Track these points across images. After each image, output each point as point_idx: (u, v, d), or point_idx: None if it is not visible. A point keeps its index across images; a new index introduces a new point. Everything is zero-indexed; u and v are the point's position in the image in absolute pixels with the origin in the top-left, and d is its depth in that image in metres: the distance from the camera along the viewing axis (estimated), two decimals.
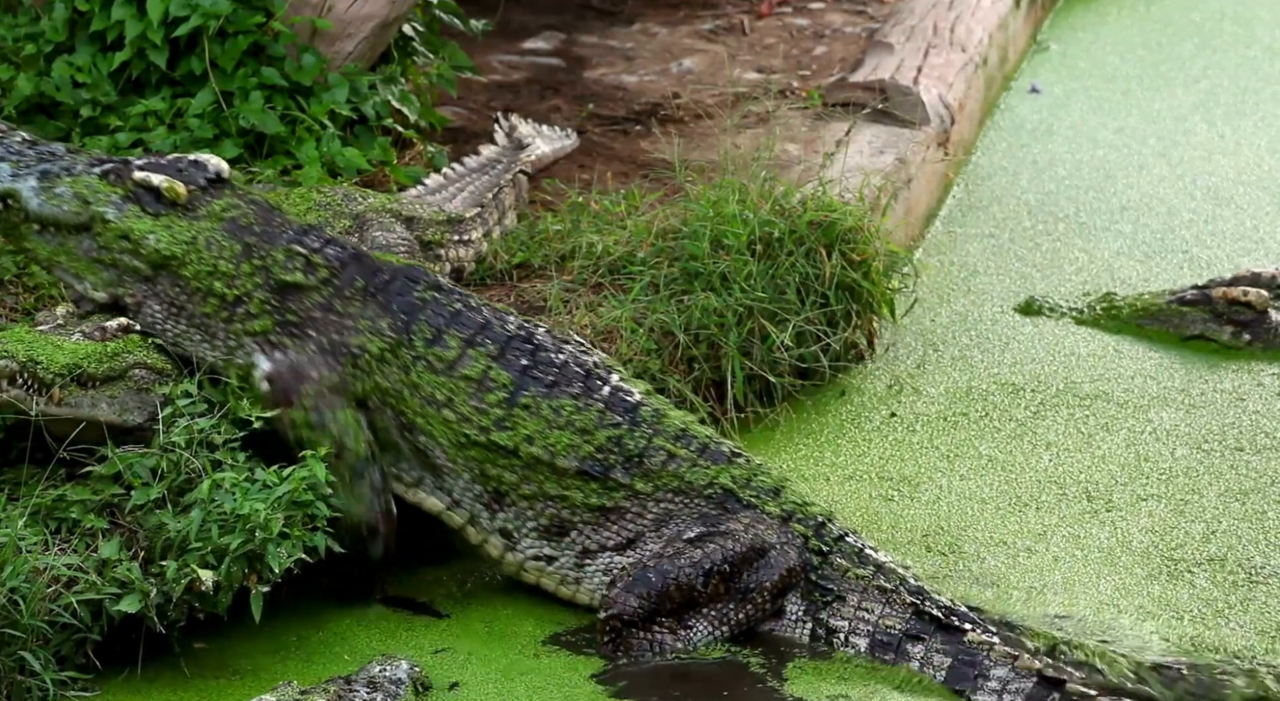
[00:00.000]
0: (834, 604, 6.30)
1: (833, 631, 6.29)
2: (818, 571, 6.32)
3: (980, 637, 6.18)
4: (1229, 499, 7.13)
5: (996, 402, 7.84)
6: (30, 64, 8.11)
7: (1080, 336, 8.44)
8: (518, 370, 6.41)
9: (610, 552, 6.37)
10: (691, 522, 6.34)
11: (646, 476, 6.35)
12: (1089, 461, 7.40)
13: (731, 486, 6.37)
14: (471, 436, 6.36)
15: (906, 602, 6.25)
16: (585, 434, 6.36)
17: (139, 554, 5.92)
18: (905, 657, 6.22)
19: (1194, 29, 12.58)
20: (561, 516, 6.36)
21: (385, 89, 8.43)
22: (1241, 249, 9.29)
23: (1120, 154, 10.47)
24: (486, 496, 6.39)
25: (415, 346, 6.41)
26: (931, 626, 6.23)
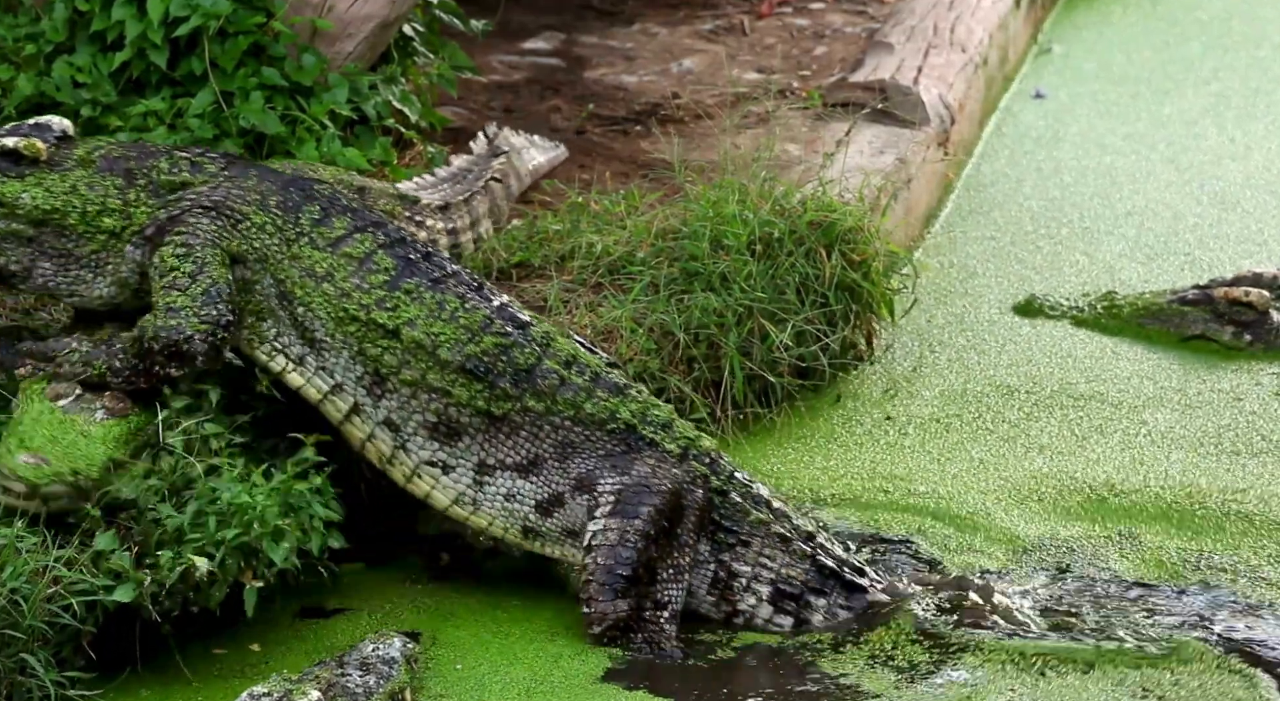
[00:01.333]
0: (737, 547, 6.31)
1: (734, 575, 6.31)
2: (720, 511, 6.33)
3: (884, 598, 6.22)
4: (1226, 499, 7.15)
5: (991, 404, 7.83)
6: (30, 64, 8.11)
7: (1079, 337, 8.44)
8: (404, 261, 6.44)
9: (512, 472, 6.33)
10: (600, 464, 6.29)
11: (539, 395, 6.31)
12: (1083, 463, 7.41)
13: (633, 422, 6.33)
14: (351, 311, 6.35)
15: (805, 553, 6.28)
16: (470, 332, 6.34)
17: (133, 548, 5.92)
18: (809, 610, 6.26)
19: (1201, 28, 12.55)
20: (449, 414, 6.31)
21: (385, 89, 8.42)
22: (1244, 252, 9.28)
23: (1128, 160, 10.45)
24: (368, 379, 6.34)
25: (301, 224, 6.46)
26: (832, 580, 6.27)
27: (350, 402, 6.38)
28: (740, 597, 6.33)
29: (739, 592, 6.32)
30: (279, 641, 6.23)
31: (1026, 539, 6.86)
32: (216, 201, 6.48)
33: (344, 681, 5.69)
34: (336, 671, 5.73)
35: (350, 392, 6.38)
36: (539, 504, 6.34)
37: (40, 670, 5.67)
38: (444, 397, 6.31)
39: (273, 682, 5.65)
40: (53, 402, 6.15)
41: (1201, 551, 6.77)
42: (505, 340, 6.34)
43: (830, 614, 6.27)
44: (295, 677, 5.69)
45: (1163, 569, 6.68)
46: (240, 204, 6.48)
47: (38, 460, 5.92)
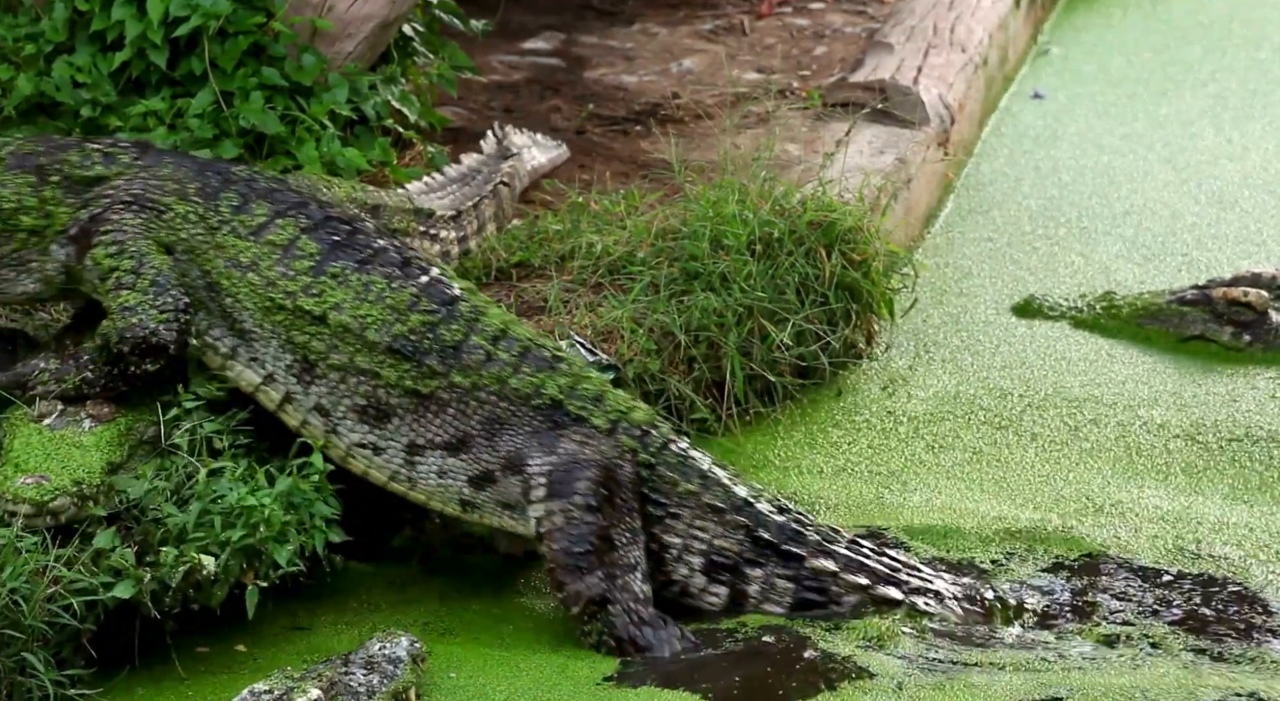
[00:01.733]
0: (666, 520, 6.30)
1: (666, 547, 6.30)
2: (648, 484, 6.31)
3: (821, 565, 6.22)
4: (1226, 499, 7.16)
5: (986, 404, 7.84)
6: (30, 64, 8.11)
7: (1077, 337, 8.43)
8: (328, 243, 6.42)
9: (441, 451, 6.32)
10: (527, 442, 6.27)
11: (465, 371, 6.30)
12: (1076, 461, 7.42)
13: (559, 397, 6.31)
14: (277, 300, 6.34)
15: (739, 524, 6.27)
16: (397, 312, 6.33)
17: (133, 545, 5.92)
18: (745, 581, 6.25)
19: (1201, 31, 12.55)
20: (378, 396, 6.31)
21: (385, 89, 8.42)
22: (1242, 252, 9.28)
23: (1126, 160, 10.45)
24: (297, 366, 6.34)
25: (221, 211, 6.44)
26: (768, 550, 6.26)
27: (282, 392, 6.38)
28: (673, 568, 6.32)
29: (671, 563, 6.31)
30: (270, 641, 6.22)
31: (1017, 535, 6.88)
32: (136, 194, 6.45)
33: (347, 679, 5.68)
34: (341, 669, 5.72)
35: (281, 382, 6.37)
36: (471, 479, 6.33)
37: (40, 669, 5.66)
38: (373, 379, 6.30)
39: (275, 679, 5.65)
40: (38, 424, 6.15)
41: (1198, 546, 6.78)
42: (432, 317, 6.33)
43: (768, 583, 6.26)
44: (298, 675, 5.68)
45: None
46: (160, 195, 6.46)
47: (37, 479, 5.92)
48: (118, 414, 6.22)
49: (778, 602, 6.27)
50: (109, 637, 5.92)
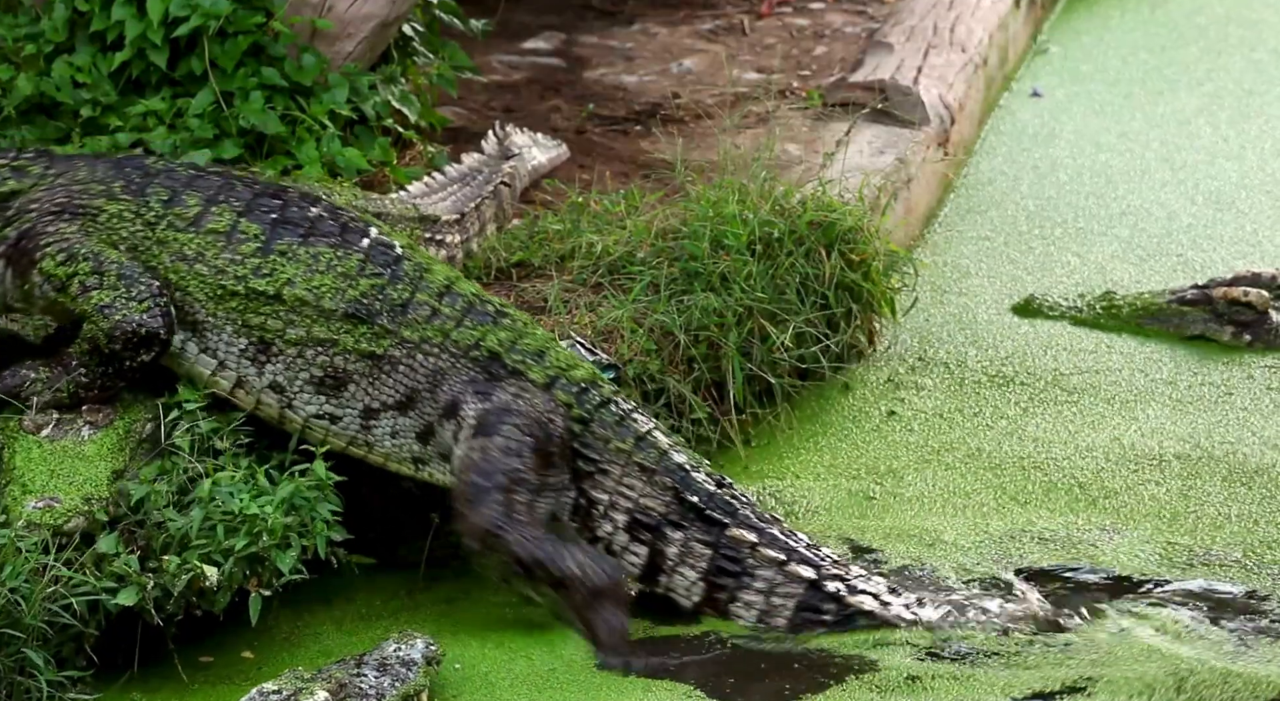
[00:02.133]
0: (596, 476, 6.36)
1: (593, 502, 6.36)
2: (580, 439, 6.36)
3: (741, 534, 6.24)
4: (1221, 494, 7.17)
5: (988, 401, 7.83)
6: (30, 64, 8.11)
7: (1077, 337, 8.43)
8: (267, 223, 6.46)
9: (393, 412, 6.39)
10: (465, 389, 6.34)
11: (411, 325, 6.37)
12: (1074, 455, 7.41)
13: (498, 349, 6.38)
14: (229, 287, 6.36)
15: (667, 486, 6.31)
16: (349, 278, 6.40)
17: (136, 550, 5.91)
18: (664, 542, 6.28)
19: (1199, 32, 12.56)
20: (336, 364, 6.36)
21: (385, 89, 8.42)
22: (1238, 252, 9.28)
23: (1123, 159, 10.45)
24: (252, 349, 6.36)
25: (153, 207, 6.45)
26: (692, 514, 6.29)
27: (233, 378, 6.40)
28: (598, 524, 6.36)
29: (596, 519, 6.36)
30: (277, 645, 6.22)
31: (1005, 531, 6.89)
32: (62, 203, 6.45)
33: (357, 681, 5.67)
34: (353, 671, 5.71)
35: (234, 368, 6.39)
36: (418, 435, 6.40)
37: (40, 669, 5.65)
38: (331, 347, 6.35)
39: (283, 680, 5.64)
40: (35, 436, 6.14)
41: (1191, 546, 6.79)
42: (380, 279, 6.41)
43: (685, 547, 6.29)
44: (309, 676, 5.67)
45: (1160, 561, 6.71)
46: (87, 199, 6.46)
47: (47, 502, 5.92)
48: (115, 417, 6.21)
49: (692, 566, 6.29)
50: (110, 640, 5.91)
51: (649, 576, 6.38)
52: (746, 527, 6.31)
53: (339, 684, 5.63)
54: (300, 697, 5.54)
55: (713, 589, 6.30)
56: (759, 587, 6.25)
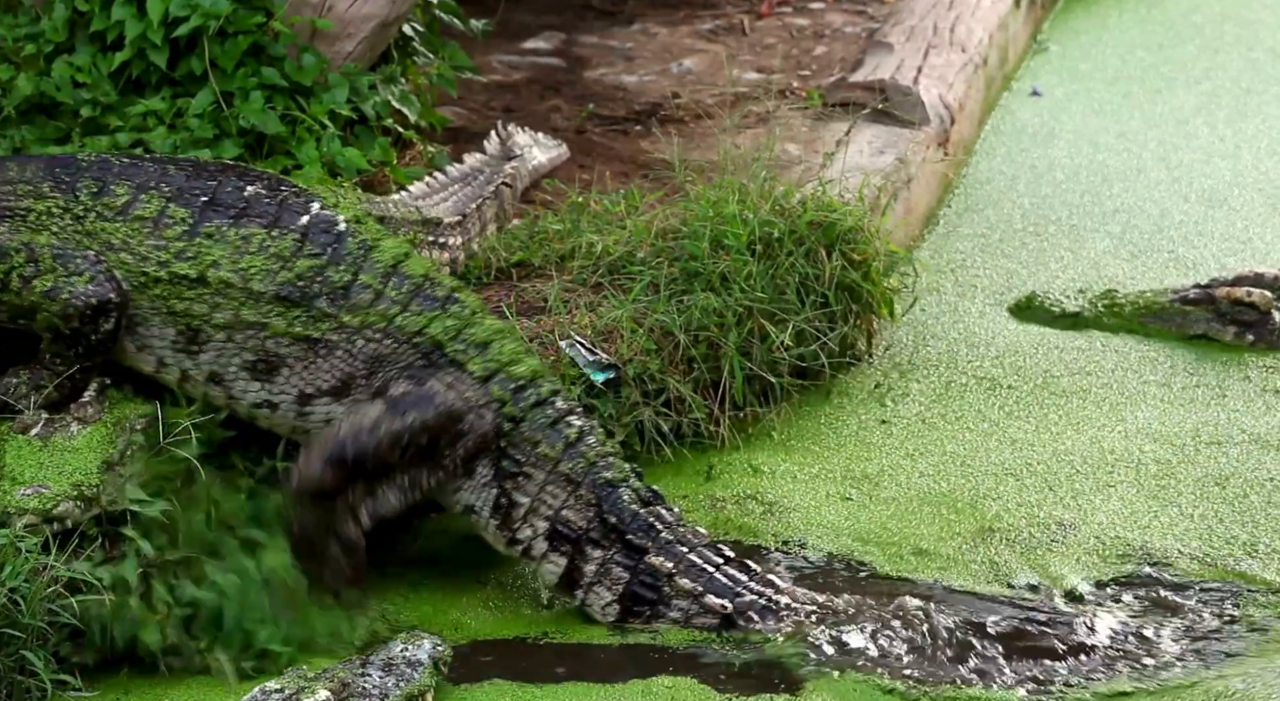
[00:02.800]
0: (519, 477, 6.28)
1: (515, 504, 6.28)
2: (508, 438, 6.28)
3: (660, 563, 6.18)
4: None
5: (981, 405, 7.83)
6: (30, 64, 8.11)
7: (1074, 337, 8.43)
8: (197, 206, 6.37)
9: (327, 398, 6.32)
10: (399, 374, 6.27)
11: (353, 310, 6.29)
12: (1050, 458, 7.42)
13: (441, 338, 6.30)
14: (151, 273, 6.29)
15: (590, 501, 6.25)
16: (281, 260, 6.30)
17: (150, 572, 5.95)
18: (583, 559, 6.22)
19: (1196, 31, 12.57)
20: (266, 348, 6.28)
21: (385, 89, 8.42)
22: (1228, 249, 9.28)
23: (1120, 158, 10.46)
24: (182, 339, 6.31)
25: (82, 200, 6.38)
26: (614, 535, 6.22)
27: (176, 373, 6.35)
28: (519, 526, 6.30)
29: (517, 521, 6.28)
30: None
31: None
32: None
33: (361, 681, 5.66)
34: (357, 670, 5.70)
35: (173, 362, 6.34)
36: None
37: (40, 669, 5.65)
38: (261, 331, 6.27)
39: (287, 678, 5.63)
40: (25, 436, 6.16)
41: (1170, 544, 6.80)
42: (319, 260, 6.32)
43: (604, 568, 6.22)
44: (312, 675, 5.67)
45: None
46: (14, 200, 6.41)
47: (36, 489, 5.92)
48: (103, 413, 6.21)
49: (609, 588, 6.23)
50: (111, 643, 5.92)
51: (566, 587, 6.32)
52: (666, 554, 6.22)
53: (342, 683, 5.62)
54: (302, 696, 5.53)
55: (627, 613, 6.23)
56: (674, 617, 6.18)
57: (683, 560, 6.22)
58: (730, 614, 6.16)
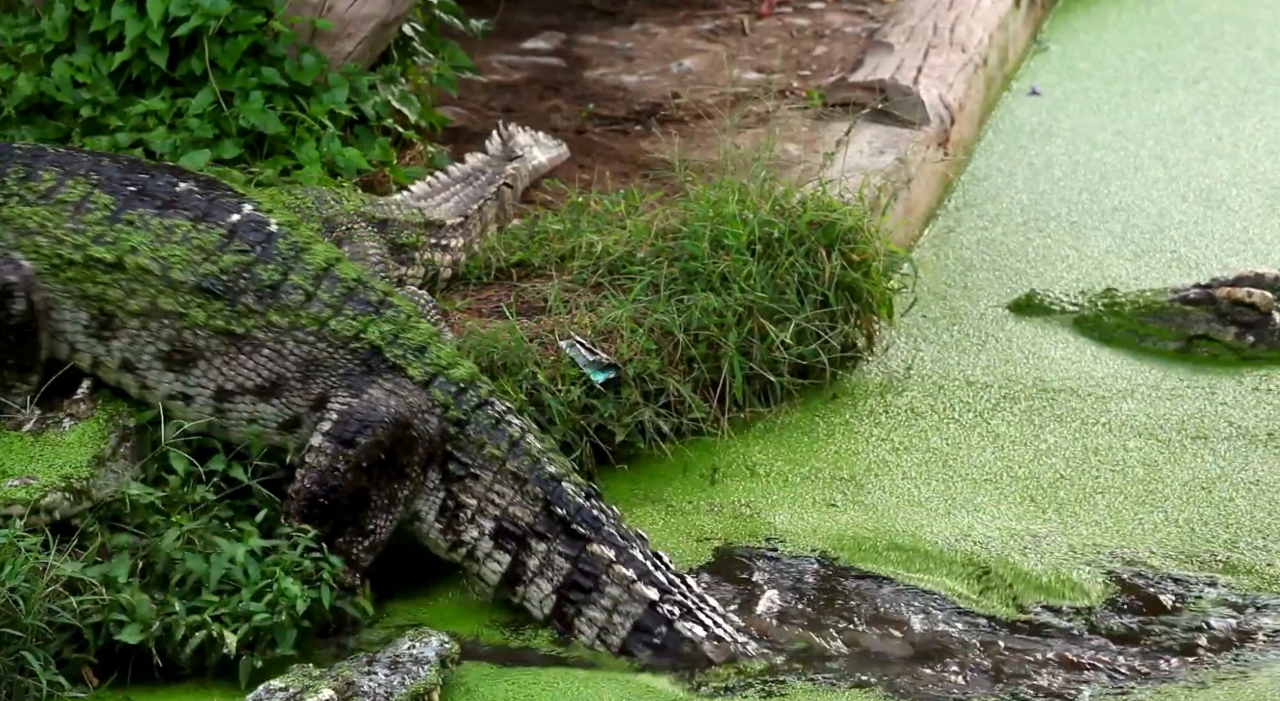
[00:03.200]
0: (466, 480, 6.25)
1: (461, 506, 6.25)
2: (454, 442, 6.25)
3: (601, 551, 6.17)
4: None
5: (977, 406, 7.82)
6: (30, 64, 8.11)
7: (1072, 336, 8.42)
8: (124, 194, 6.31)
9: (252, 397, 6.25)
10: (339, 383, 6.20)
11: (282, 310, 6.22)
12: (1033, 460, 7.42)
13: (379, 343, 6.24)
14: (66, 256, 6.22)
15: (538, 496, 6.22)
16: (205, 252, 6.23)
17: (140, 565, 5.92)
18: (528, 553, 6.20)
19: (1194, 31, 12.57)
20: (183, 339, 6.21)
21: (385, 89, 8.42)
22: (1229, 249, 9.27)
23: (1118, 156, 10.46)
24: (95, 324, 6.23)
25: (7, 185, 6.33)
26: (559, 526, 6.20)
27: (88, 359, 6.29)
28: (464, 529, 6.27)
29: (464, 523, 6.26)
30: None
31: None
32: None
33: (366, 680, 5.64)
34: (364, 668, 5.69)
35: (85, 348, 6.28)
36: (282, 424, 6.28)
37: (39, 669, 5.64)
38: (178, 321, 6.20)
39: (291, 676, 5.62)
40: (17, 432, 6.15)
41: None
42: (247, 257, 6.25)
43: (546, 559, 6.20)
44: (317, 673, 5.65)
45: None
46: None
47: (24, 481, 5.93)
48: (95, 410, 6.20)
49: (549, 579, 6.21)
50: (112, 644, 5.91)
51: (507, 585, 6.30)
52: (608, 544, 6.22)
53: (346, 682, 5.61)
54: (306, 695, 5.52)
55: (563, 602, 6.22)
56: (604, 604, 6.16)
57: (624, 551, 6.22)
58: (656, 603, 6.13)
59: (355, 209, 7.36)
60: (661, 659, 6.09)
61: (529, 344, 7.15)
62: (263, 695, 5.55)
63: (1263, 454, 7.42)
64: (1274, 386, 8.00)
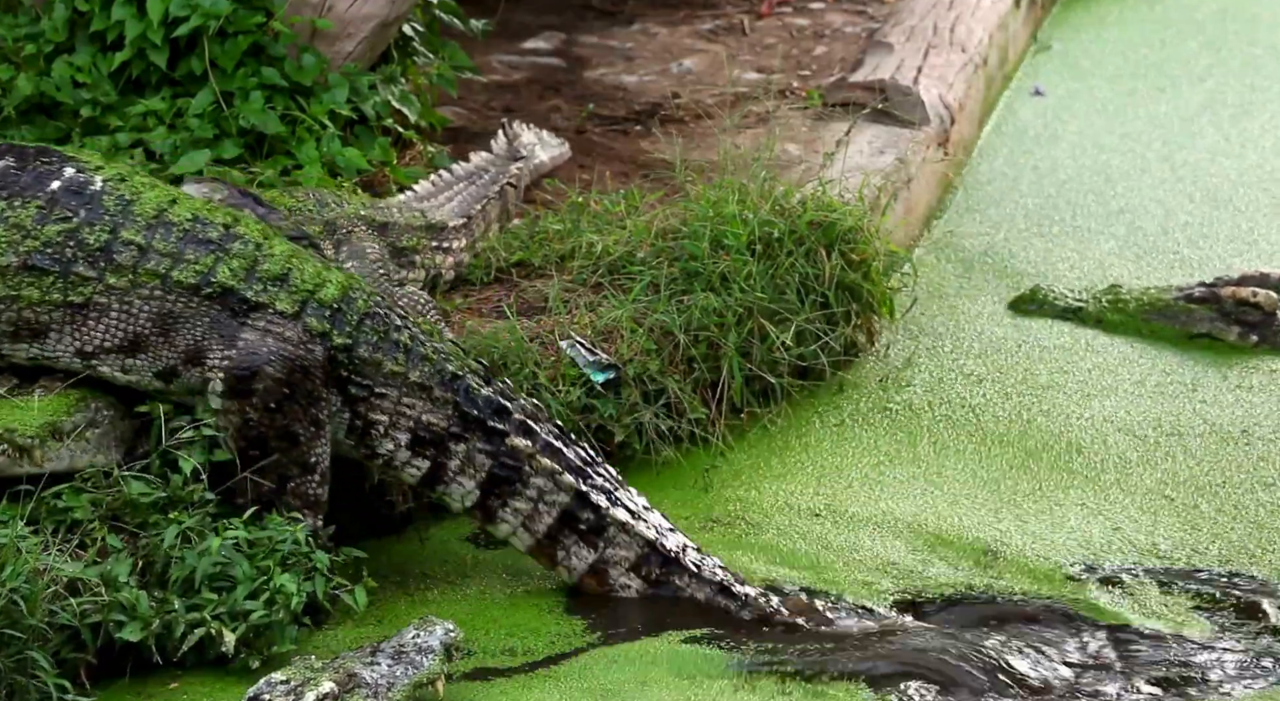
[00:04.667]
0: (371, 399, 6.17)
1: (372, 423, 6.18)
2: (347, 366, 6.16)
3: (521, 443, 6.17)
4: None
5: (983, 402, 7.83)
6: (30, 64, 8.11)
7: (1079, 335, 8.42)
8: None
9: (117, 354, 6.07)
10: (207, 334, 6.03)
11: (118, 271, 6.04)
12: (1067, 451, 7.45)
13: (232, 283, 6.07)
14: None
15: (447, 399, 6.18)
16: (24, 230, 6.03)
17: (140, 563, 5.92)
18: (447, 455, 6.19)
19: (1197, 28, 12.55)
20: (25, 318, 6.05)
21: (385, 89, 8.42)
22: (1234, 250, 9.26)
23: (1124, 158, 10.44)
24: None
25: None
26: (474, 425, 6.18)
27: None
28: (378, 443, 6.22)
29: (377, 439, 6.21)
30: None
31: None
32: None
33: (368, 671, 5.62)
34: (366, 659, 5.67)
35: None
36: (158, 374, 6.12)
37: (39, 670, 5.64)
38: (14, 304, 6.04)
39: (293, 669, 5.60)
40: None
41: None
42: (70, 224, 6.06)
43: (468, 458, 6.19)
44: (319, 665, 5.63)
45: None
46: None
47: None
48: (65, 389, 6.17)
49: (471, 476, 6.21)
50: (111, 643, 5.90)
51: (426, 485, 6.26)
52: (525, 435, 6.22)
53: (348, 674, 5.58)
54: (307, 688, 5.51)
55: (486, 496, 6.20)
56: (530, 495, 6.18)
57: (539, 439, 6.23)
58: (583, 491, 6.19)
59: (355, 212, 7.35)
60: (582, 549, 6.19)
61: (529, 344, 7.15)
62: (264, 688, 5.54)
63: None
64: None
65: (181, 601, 5.86)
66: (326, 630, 6.14)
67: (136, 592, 5.80)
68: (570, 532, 6.25)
